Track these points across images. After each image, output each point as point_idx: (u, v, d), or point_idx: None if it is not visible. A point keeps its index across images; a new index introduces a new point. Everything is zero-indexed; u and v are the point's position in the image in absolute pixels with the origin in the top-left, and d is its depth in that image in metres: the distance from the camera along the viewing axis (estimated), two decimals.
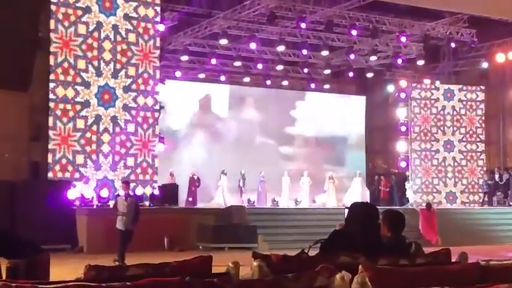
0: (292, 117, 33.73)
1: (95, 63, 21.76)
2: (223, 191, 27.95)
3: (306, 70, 32.62)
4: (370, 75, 32.39)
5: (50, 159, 20.89)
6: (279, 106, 33.31)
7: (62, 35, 21.21)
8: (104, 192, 21.26)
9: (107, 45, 21.97)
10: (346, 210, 5.91)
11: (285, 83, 33.61)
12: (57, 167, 20.96)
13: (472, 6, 16.76)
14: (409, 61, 31.31)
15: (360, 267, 4.19)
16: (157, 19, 23.01)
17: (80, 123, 21.45)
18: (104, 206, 20.84)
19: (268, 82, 32.40)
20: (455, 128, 30.00)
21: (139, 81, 22.54)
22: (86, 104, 21.52)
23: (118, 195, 18.58)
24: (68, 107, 21.27)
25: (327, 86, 34.56)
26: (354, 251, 4.98)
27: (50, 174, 20.83)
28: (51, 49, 21.11)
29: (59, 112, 21.12)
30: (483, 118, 30.27)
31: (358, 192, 29.05)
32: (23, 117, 21.71)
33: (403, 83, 30.94)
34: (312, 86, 33.59)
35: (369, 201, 26.11)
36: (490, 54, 29.63)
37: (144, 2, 22.70)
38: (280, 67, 31.52)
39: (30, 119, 22.21)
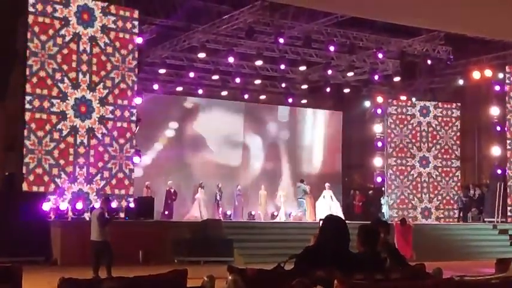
0: (270, 131, 33.74)
1: (72, 75, 21.62)
2: (200, 205, 27.83)
3: (283, 85, 32.68)
4: (347, 90, 32.60)
5: (24, 171, 20.66)
6: (256, 120, 33.35)
7: (38, 47, 21.03)
8: (79, 205, 21.07)
9: (84, 57, 21.88)
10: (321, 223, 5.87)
11: (263, 97, 33.66)
12: (32, 179, 20.72)
13: (448, 24, 16.94)
14: (386, 77, 31.51)
15: (336, 281, 4.20)
16: (136, 31, 22.99)
17: (56, 135, 21.27)
18: (78, 218, 20.66)
19: (246, 96, 32.43)
20: (430, 144, 30.26)
21: (116, 93, 22.45)
22: (62, 116, 21.37)
23: (93, 207, 18.47)
24: (44, 117, 21.08)
25: (304, 101, 34.66)
26: (327, 265, 4.97)
27: (25, 186, 20.59)
28: (28, 61, 20.88)
29: (34, 124, 20.93)
30: (458, 135, 30.55)
31: (327, 205, 28.87)
32: None
33: (379, 99, 31.17)
34: (290, 100, 33.66)
35: (340, 214, 26.29)
36: (466, 71, 29.94)
37: (122, 16, 22.69)
38: (258, 81, 31.58)
39: (5, 129, 21.98)
